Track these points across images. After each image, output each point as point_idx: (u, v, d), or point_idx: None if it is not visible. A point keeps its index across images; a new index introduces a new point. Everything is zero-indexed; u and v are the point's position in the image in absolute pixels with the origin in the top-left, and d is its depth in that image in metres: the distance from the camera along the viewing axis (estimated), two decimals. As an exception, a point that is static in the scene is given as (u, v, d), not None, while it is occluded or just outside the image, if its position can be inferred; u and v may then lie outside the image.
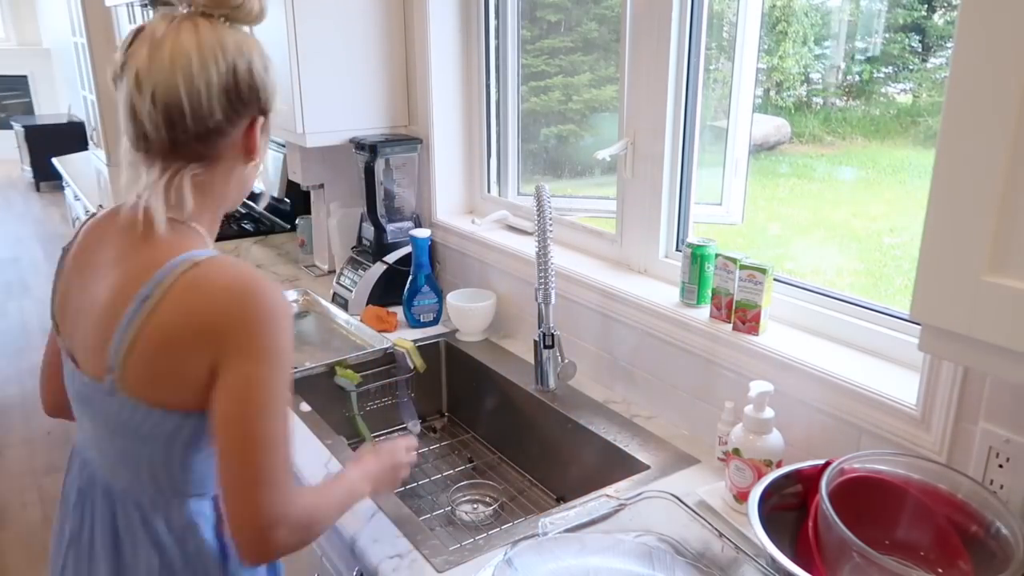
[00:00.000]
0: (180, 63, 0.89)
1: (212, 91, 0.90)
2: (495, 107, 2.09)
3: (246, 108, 0.95)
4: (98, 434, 0.98)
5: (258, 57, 0.96)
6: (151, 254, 0.91)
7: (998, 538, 0.92)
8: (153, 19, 0.93)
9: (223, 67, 0.91)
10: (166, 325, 0.88)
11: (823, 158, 1.78)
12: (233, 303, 0.88)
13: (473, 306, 1.88)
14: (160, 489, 0.97)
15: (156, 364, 0.89)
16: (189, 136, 0.92)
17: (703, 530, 1.07)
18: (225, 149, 0.96)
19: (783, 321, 1.36)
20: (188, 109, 0.90)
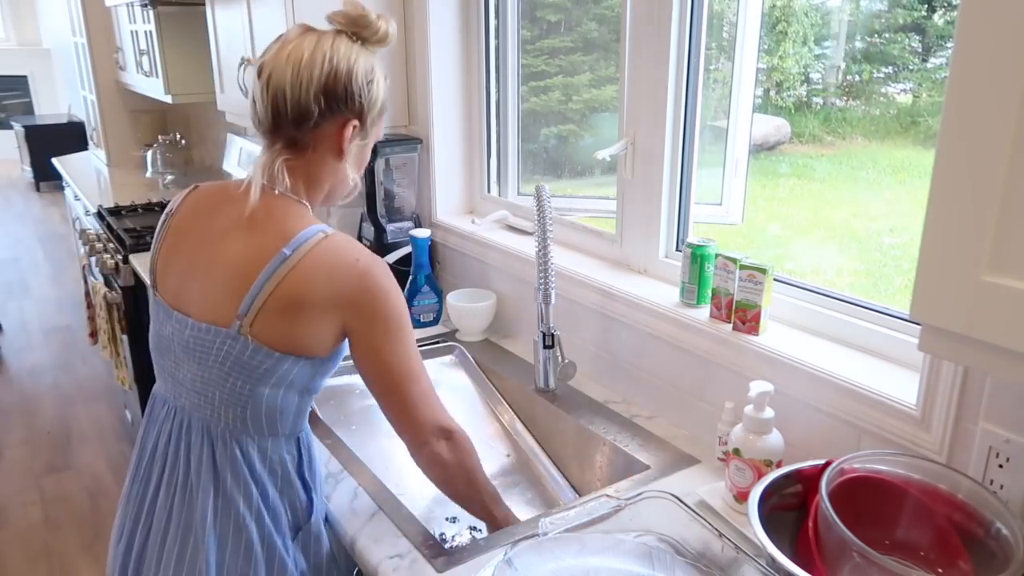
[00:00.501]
0: (294, 57, 1.06)
1: (312, 85, 1.06)
2: (495, 107, 2.09)
3: (339, 108, 1.08)
4: (206, 381, 1.09)
5: (363, 69, 1.09)
6: (285, 223, 1.07)
7: (998, 538, 0.92)
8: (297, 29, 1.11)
9: (326, 67, 1.06)
10: (302, 284, 1.04)
11: (823, 158, 1.78)
12: (365, 275, 1.07)
13: (473, 306, 1.88)
14: (259, 428, 1.11)
15: (286, 316, 1.04)
16: (287, 121, 1.07)
17: (703, 530, 1.07)
18: (318, 141, 1.10)
19: (783, 321, 1.36)
20: (289, 95, 1.06)
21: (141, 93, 4.07)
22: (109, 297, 2.85)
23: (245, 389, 1.08)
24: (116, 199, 3.60)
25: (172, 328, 1.12)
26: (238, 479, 1.11)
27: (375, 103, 1.12)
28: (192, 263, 1.11)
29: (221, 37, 2.47)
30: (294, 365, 1.08)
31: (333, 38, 1.09)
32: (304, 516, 1.18)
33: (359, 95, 1.09)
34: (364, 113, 1.11)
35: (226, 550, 1.10)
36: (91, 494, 3.07)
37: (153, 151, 4.20)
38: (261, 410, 1.10)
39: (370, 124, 1.14)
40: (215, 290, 1.07)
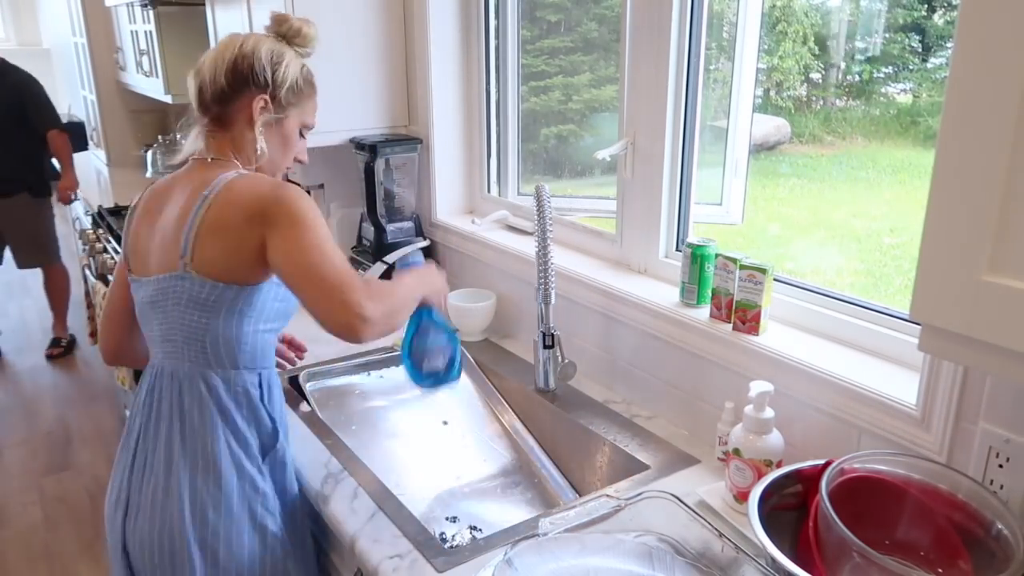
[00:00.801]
0: (215, 51, 1.28)
1: (223, 66, 1.25)
2: (495, 107, 2.09)
3: (246, 84, 1.25)
4: (169, 325, 1.22)
5: (266, 51, 1.27)
6: (205, 175, 1.23)
7: (998, 538, 0.92)
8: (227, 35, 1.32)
9: (235, 52, 1.25)
10: (222, 212, 1.17)
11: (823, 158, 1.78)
12: (272, 192, 1.18)
13: (473, 306, 1.88)
14: (219, 361, 1.22)
15: (215, 243, 1.17)
16: (209, 101, 1.26)
17: (703, 530, 1.07)
18: (235, 115, 1.27)
19: (783, 321, 1.36)
20: (208, 78, 1.25)
21: (141, 93, 4.06)
22: (109, 297, 2.85)
23: (201, 322, 1.20)
24: (116, 199, 3.60)
25: (142, 294, 1.26)
26: (204, 415, 1.22)
27: (283, 81, 1.27)
28: (151, 234, 1.26)
29: (221, 37, 2.47)
30: (239, 293, 1.19)
31: (249, 35, 1.29)
32: (270, 442, 1.28)
33: (262, 72, 1.25)
34: (271, 88, 1.26)
35: (197, 477, 1.20)
36: (91, 494, 3.07)
37: (153, 151, 4.20)
38: (219, 340, 1.21)
39: (284, 101, 1.29)
40: (163, 244, 1.22)
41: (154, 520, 1.21)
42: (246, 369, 1.25)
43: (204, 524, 1.20)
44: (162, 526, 1.20)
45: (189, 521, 1.20)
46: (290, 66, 1.29)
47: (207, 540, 1.20)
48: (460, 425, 1.20)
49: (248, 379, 1.25)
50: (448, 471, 1.62)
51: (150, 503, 1.22)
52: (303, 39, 1.32)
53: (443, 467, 1.63)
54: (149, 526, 1.22)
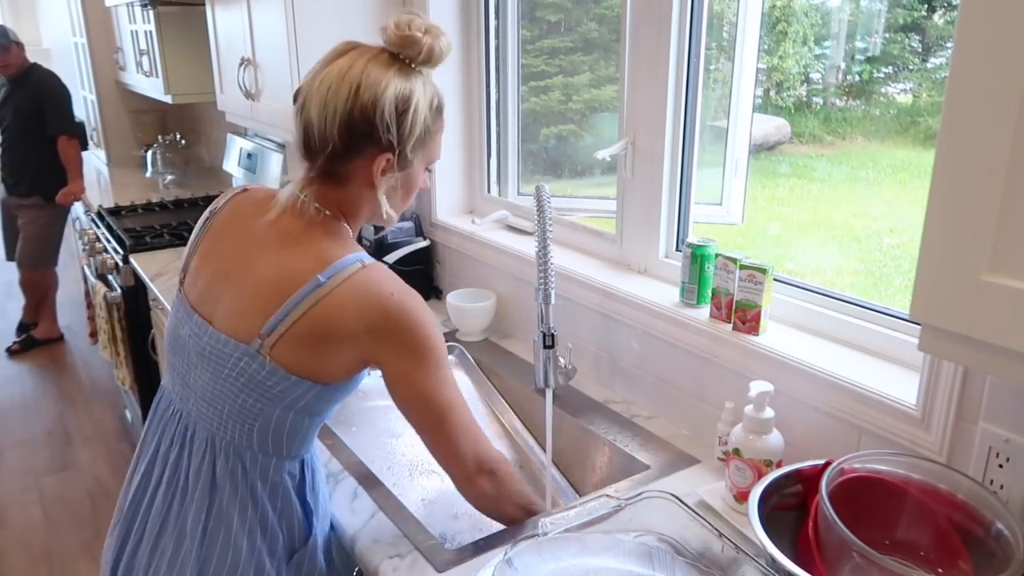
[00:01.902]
0: (324, 84, 1.01)
1: (336, 118, 1.01)
2: (495, 107, 2.09)
3: (365, 142, 1.03)
4: (217, 392, 1.07)
5: (391, 99, 1.01)
6: (318, 246, 1.04)
7: (998, 538, 0.92)
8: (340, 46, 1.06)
9: (351, 100, 1.00)
10: (332, 315, 1.01)
11: (823, 158, 1.78)
12: (398, 309, 1.03)
13: (473, 306, 1.88)
14: (264, 447, 1.09)
15: (311, 344, 1.02)
16: (317, 152, 1.04)
17: (703, 530, 1.07)
18: (352, 174, 1.06)
19: (783, 321, 1.36)
20: (316, 126, 1.02)
21: (141, 93, 4.07)
22: (109, 297, 2.85)
23: (256, 408, 1.05)
24: (116, 199, 3.61)
25: (190, 331, 1.10)
26: (235, 495, 1.08)
27: (410, 133, 1.04)
28: (223, 270, 1.09)
29: (221, 37, 2.47)
30: (309, 390, 1.05)
31: (367, 62, 1.02)
32: (301, 539, 1.15)
33: (386, 129, 1.02)
34: (396, 146, 1.04)
35: (211, 561, 1.08)
36: (91, 494, 3.07)
37: (153, 151, 4.20)
38: (269, 429, 1.07)
39: (410, 154, 1.06)
40: (241, 303, 1.05)
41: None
42: (289, 458, 1.12)
43: None
44: None
45: None
46: (419, 109, 1.04)
47: None
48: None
49: (288, 467, 1.12)
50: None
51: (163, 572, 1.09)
52: (435, 60, 1.06)
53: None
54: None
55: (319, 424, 1.14)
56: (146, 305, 2.77)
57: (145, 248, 2.81)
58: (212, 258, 1.12)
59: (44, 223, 4.11)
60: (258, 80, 2.21)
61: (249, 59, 2.23)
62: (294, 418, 1.08)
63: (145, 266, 2.61)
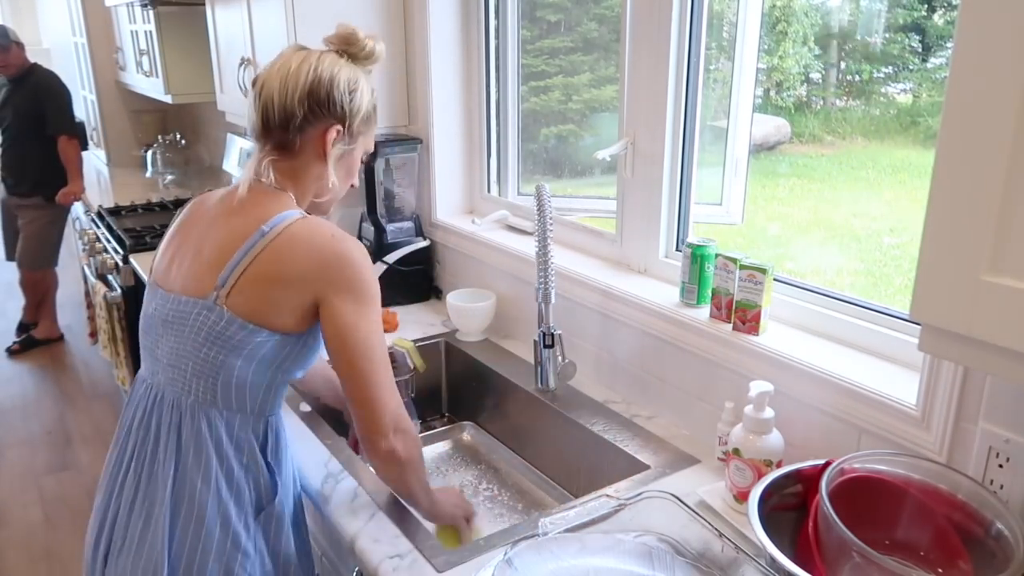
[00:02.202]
0: (283, 69, 1.16)
1: (297, 91, 1.15)
2: (495, 107, 2.09)
3: (322, 112, 1.16)
4: (180, 353, 1.14)
5: (345, 78, 1.17)
6: (263, 209, 1.15)
7: (998, 538, 0.92)
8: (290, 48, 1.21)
9: (311, 76, 1.15)
10: (278, 258, 1.10)
11: (823, 158, 1.78)
12: (336, 250, 1.12)
13: (473, 306, 1.88)
14: (228, 402, 1.14)
15: (261, 288, 1.10)
16: (275, 125, 1.16)
17: (703, 530, 1.07)
18: (304, 144, 1.18)
19: (783, 321, 1.36)
20: (276, 101, 1.15)
21: (141, 93, 4.07)
22: (109, 297, 2.86)
23: (218, 359, 1.11)
24: (116, 199, 3.61)
25: (156, 305, 1.18)
26: (200, 455, 1.13)
27: (358, 111, 1.19)
28: (182, 247, 1.19)
29: (221, 37, 2.47)
30: (267, 339, 1.12)
31: (320, 54, 1.18)
32: (267, 496, 1.19)
33: (341, 101, 1.17)
34: (347, 119, 1.18)
35: (177, 523, 1.12)
36: (91, 494, 3.07)
37: (153, 151, 4.20)
38: (232, 382, 1.13)
39: (355, 131, 1.21)
40: (197, 267, 1.14)
41: (139, 556, 1.13)
42: (252, 415, 1.17)
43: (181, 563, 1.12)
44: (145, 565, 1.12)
45: (168, 562, 1.11)
46: (364, 92, 1.20)
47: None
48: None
49: (252, 425, 1.17)
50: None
51: (136, 542, 1.14)
52: (373, 59, 1.22)
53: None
54: (134, 561, 1.13)
55: (281, 384, 1.19)
56: (146, 305, 2.77)
57: (145, 248, 2.81)
58: (172, 245, 1.22)
59: (44, 223, 4.11)
60: (258, 80, 2.21)
61: (249, 59, 2.23)
62: (255, 370, 1.14)
63: (145, 266, 2.61)
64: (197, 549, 1.12)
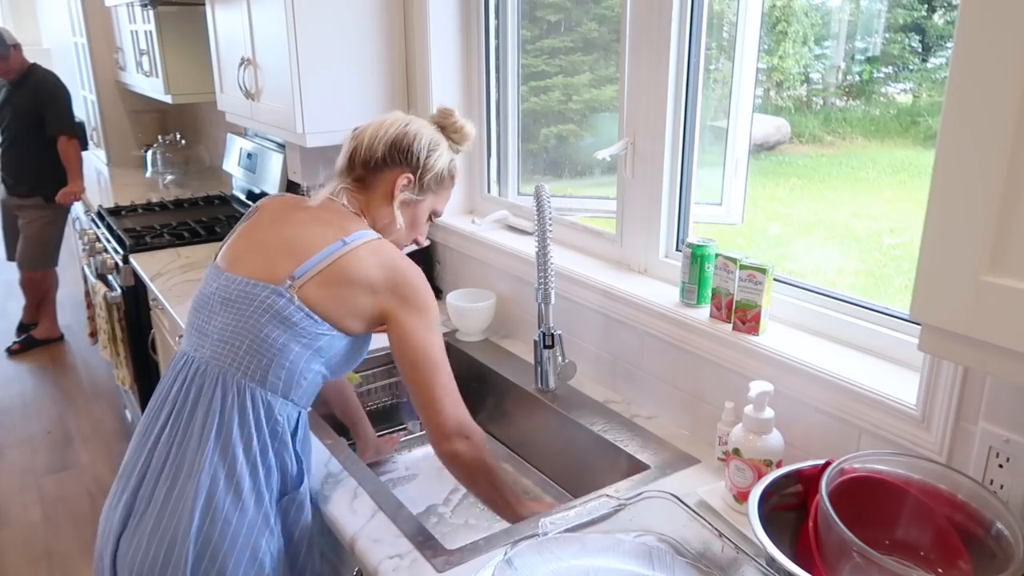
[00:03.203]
0: (382, 121, 1.35)
1: (384, 138, 1.32)
2: (495, 107, 2.09)
3: (398, 159, 1.32)
4: (237, 329, 1.20)
5: (427, 138, 1.34)
6: (345, 224, 1.27)
7: (998, 538, 0.92)
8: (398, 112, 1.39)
9: (399, 129, 1.33)
10: (353, 265, 1.22)
11: (823, 158, 1.78)
12: (407, 270, 1.26)
13: (473, 306, 1.88)
14: (274, 384, 1.20)
15: (333, 288, 1.20)
16: (358, 163, 1.33)
17: (703, 530, 1.07)
18: (377, 183, 1.33)
19: (783, 321, 1.36)
20: (365, 144, 1.33)
21: (141, 93, 4.06)
22: (109, 297, 2.85)
23: (279, 340, 1.19)
24: (116, 199, 3.60)
25: (218, 285, 1.26)
26: (244, 427, 1.19)
27: (432, 167, 1.34)
28: (257, 240, 1.29)
29: (221, 37, 2.47)
30: (327, 333, 1.21)
31: (416, 118, 1.36)
32: (292, 484, 1.24)
33: (418, 155, 1.32)
34: (419, 170, 1.33)
35: (217, 488, 1.16)
36: (91, 494, 3.07)
37: (153, 151, 4.20)
38: (284, 365, 1.20)
39: (425, 185, 1.35)
40: (273, 256, 1.24)
41: (157, 526, 1.15)
42: (292, 402, 1.23)
43: (212, 529, 1.14)
44: (164, 533, 1.14)
45: (196, 525, 1.13)
46: (442, 157, 1.35)
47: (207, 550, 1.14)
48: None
49: (290, 412, 1.23)
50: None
51: (159, 507, 1.16)
52: (461, 136, 1.39)
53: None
54: (149, 537, 1.15)
55: (323, 377, 1.26)
56: (146, 305, 2.77)
57: (145, 248, 2.81)
58: (247, 235, 1.31)
59: (44, 223, 4.10)
60: (258, 80, 2.21)
61: (249, 59, 2.23)
62: (309, 359, 1.21)
63: (145, 266, 2.61)
64: (232, 521, 1.16)
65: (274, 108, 2.14)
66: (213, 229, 2.96)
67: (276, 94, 2.12)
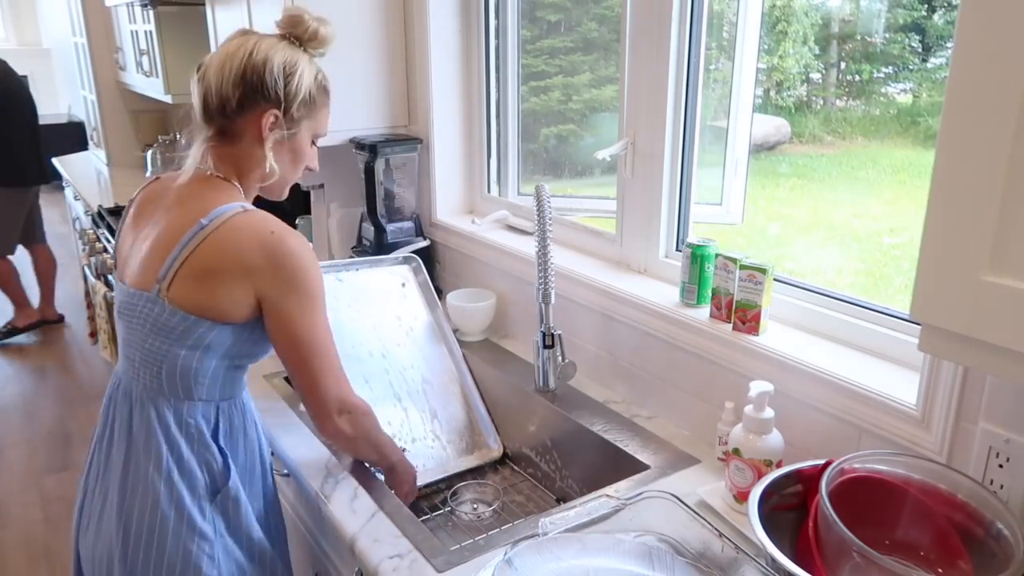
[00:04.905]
0: (223, 53, 1.17)
1: (231, 74, 1.15)
2: (495, 107, 2.09)
3: (255, 97, 1.16)
4: (132, 339, 1.17)
5: (280, 61, 1.17)
6: (205, 200, 1.15)
7: (998, 538, 0.92)
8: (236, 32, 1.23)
9: (245, 59, 1.15)
10: (215, 251, 1.11)
11: (823, 158, 1.78)
12: (276, 245, 1.13)
13: (473, 306, 1.88)
14: (174, 390, 1.16)
15: (200, 281, 1.11)
16: (214, 110, 1.17)
17: (703, 530, 1.07)
18: (243, 129, 1.18)
19: (783, 321, 1.36)
20: (214, 86, 1.15)
21: (141, 93, 4.07)
22: (109, 297, 2.85)
23: (162, 349, 1.14)
24: (116, 199, 3.61)
25: (117, 296, 1.23)
26: (150, 441, 1.16)
27: (295, 94, 1.18)
28: (136, 242, 1.22)
29: (221, 37, 2.47)
30: (210, 330, 1.14)
31: (259, 37, 1.18)
32: (221, 480, 1.22)
33: (274, 85, 1.16)
34: (284, 103, 1.17)
35: (134, 505, 1.16)
36: (91, 494, 3.07)
37: (153, 151, 4.19)
38: (176, 371, 1.15)
39: (295, 116, 1.20)
40: (144, 259, 1.17)
41: (98, 534, 1.20)
42: (201, 401, 1.19)
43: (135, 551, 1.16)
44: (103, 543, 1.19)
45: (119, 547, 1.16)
46: (304, 76, 1.19)
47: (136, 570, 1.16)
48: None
49: (202, 411, 1.20)
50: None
51: (95, 521, 1.21)
52: (319, 42, 1.22)
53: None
54: (94, 539, 1.21)
55: (234, 371, 1.22)
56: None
57: (145, 248, 2.80)
58: (126, 235, 1.25)
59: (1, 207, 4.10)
60: (258, 80, 2.21)
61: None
62: (201, 359, 1.15)
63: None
64: (154, 530, 1.15)
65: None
66: (213, 229, 2.96)
67: (276, 94, 2.11)
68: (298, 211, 2.65)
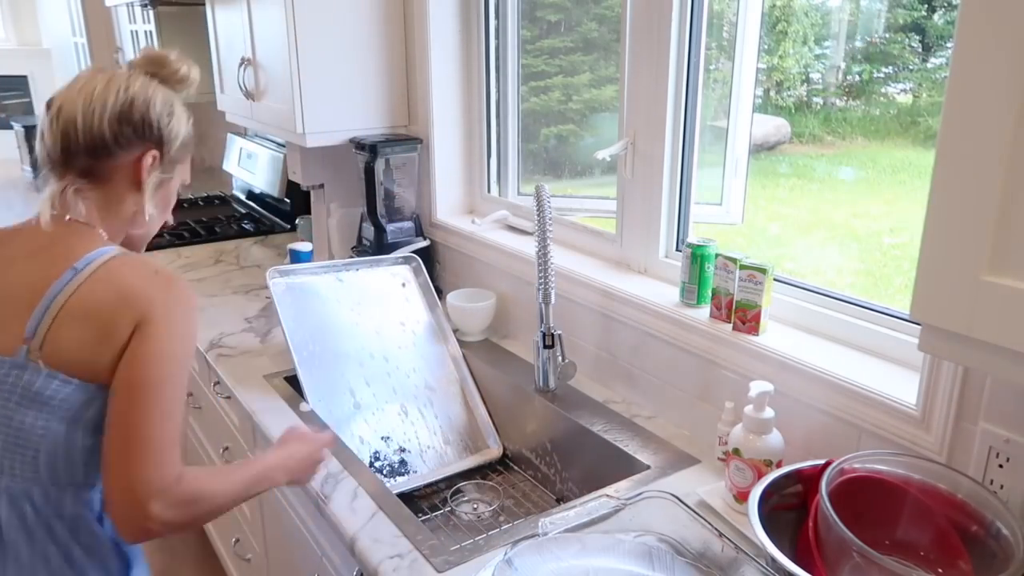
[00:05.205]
0: (87, 89, 1.03)
1: (106, 112, 1.02)
2: (495, 107, 2.09)
3: (136, 137, 1.05)
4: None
5: (161, 101, 1.07)
6: (73, 246, 1.01)
7: (998, 538, 0.92)
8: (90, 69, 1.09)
9: (122, 96, 1.03)
10: (96, 294, 0.97)
11: (823, 158, 1.78)
12: (164, 284, 1.01)
13: (473, 306, 1.88)
14: (55, 477, 1.00)
15: (80, 331, 0.96)
16: (79, 150, 1.03)
17: (703, 530, 1.07)
18: (114, 172, 1.06)
19: (783, 321, 1.36)
20: (81, 124, 1.02)
21: (141, 93, 4.06)
22: None
23: (38, 426, 0.96)
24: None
25: None
26: (32, 544, 1.00)
27: (175, 136, 1.09)
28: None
29: (221, 37, 2.47)
30: (95, 396, 0.97)
31: (129, 74, 1.07)
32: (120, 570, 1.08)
33: (157, 124, 1.06)
34: (164, 144, 1.08)
35: None
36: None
37: (153, 151, 4.19)
38: (58, 452, 0.98)
39: (173, 158, 1.10)
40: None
41: None
42: (87, 486, 1.02)
43: None
44: None
45: None
46: (181, 118, 1.10)
47: None
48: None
49: (83, 498, 1.02)
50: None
51: None
52: (186, 84, 1.12)
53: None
54: None
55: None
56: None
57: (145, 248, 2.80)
58: None
59: None
60: (258, 80, 2.21)
61: (249, 59, 2.23)
62: (84, 436, 0.99)
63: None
64: None
65: (274, 108, 2.14)
66: (213, 229, 2.96)
67: (276, 94, 2.12)
68: (298, 211, 2.65)
